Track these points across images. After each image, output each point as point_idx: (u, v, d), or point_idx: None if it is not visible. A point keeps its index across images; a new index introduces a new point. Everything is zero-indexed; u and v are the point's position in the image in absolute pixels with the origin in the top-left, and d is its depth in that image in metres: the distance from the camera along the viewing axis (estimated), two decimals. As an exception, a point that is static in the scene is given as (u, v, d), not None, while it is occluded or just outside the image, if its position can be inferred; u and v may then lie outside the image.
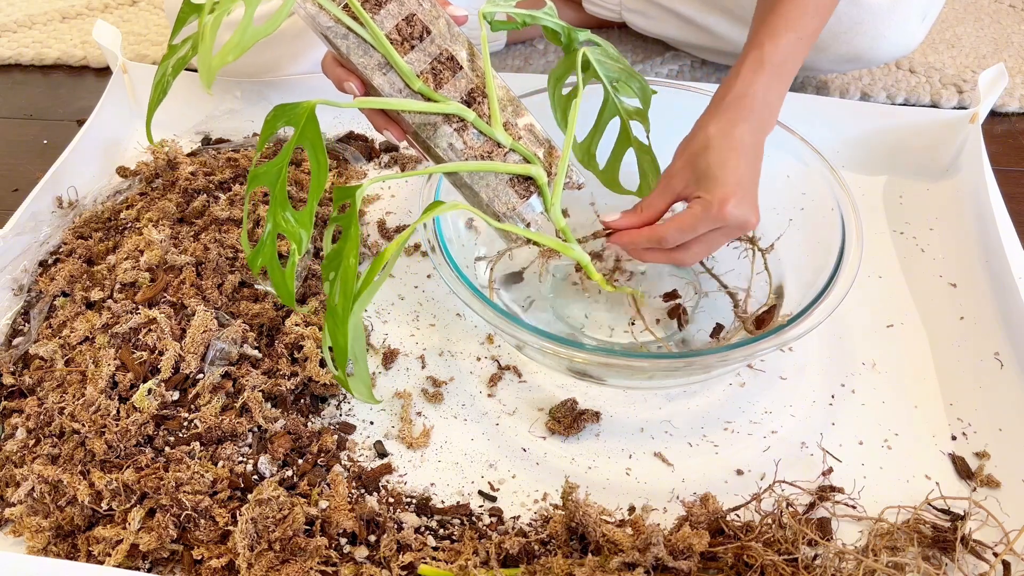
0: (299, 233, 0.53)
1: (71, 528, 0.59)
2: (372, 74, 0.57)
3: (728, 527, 0.56)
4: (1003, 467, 0.63)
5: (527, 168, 0.60)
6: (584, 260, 0.64)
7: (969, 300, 0.75)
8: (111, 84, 0.95)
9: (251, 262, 0.55)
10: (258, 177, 0.54)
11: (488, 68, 0.59)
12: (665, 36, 1.07)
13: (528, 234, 0.61)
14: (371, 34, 0.56)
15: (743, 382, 0.70)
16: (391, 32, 0.57)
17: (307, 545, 0.55)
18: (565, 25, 0.67)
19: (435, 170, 0.60)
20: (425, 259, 0.81)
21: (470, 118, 0.59)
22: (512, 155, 0.60)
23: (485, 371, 0.71)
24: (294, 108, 0.52)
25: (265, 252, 0.55)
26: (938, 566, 0.55)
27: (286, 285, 0.54)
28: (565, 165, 0.62)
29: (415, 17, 0.58)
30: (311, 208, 0.52)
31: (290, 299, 0.55)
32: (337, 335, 0.50)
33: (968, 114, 0.86)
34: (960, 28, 1.19)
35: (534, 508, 0.61)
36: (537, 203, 0.62)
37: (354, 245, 0.51)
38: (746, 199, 0.60)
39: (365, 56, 0.57)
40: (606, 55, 0.68)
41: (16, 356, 0.70)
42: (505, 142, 0.60)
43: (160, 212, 0.81)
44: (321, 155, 0.52)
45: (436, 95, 0.58)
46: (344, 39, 0.56)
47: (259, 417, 0.64)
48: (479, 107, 0.60)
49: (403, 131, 0.61)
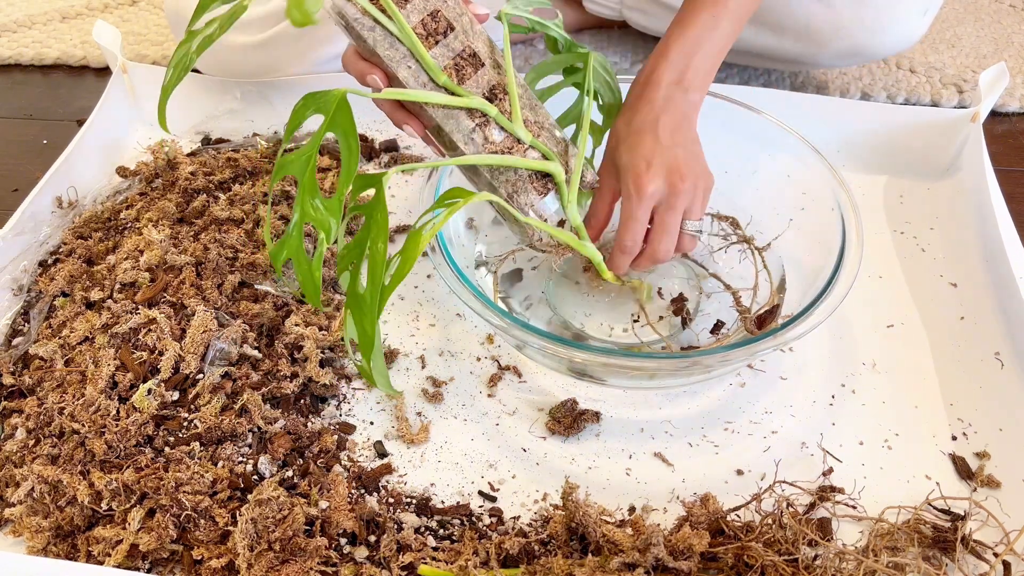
0: (328, 221, 0.52)
1: (71, 528, 0.59)
2: (398, 67, 0.58)
3: (728, 527, 0.56)
4: (1003, 467, 0.63)
5: (546, 164, 0.61)
6: (597, 258, 0.65)
7: (969, 300, 0.75)
8: (111, 84, 0.95)
9: (274, 256, 0.54)
10: (286, 166, 0.53)
11: (509, 65, 0.60)
12: (665, 35, 1.08)
13: (550, 229, 0.62)
14: (398, 27, 0.57)
15: (743, 382, 0.70)
16: (416, 27, 0.58)
17: (307, 545, 0.55)
18: (568, 39, 0.69)
19: (458, 161, 0.60)
20: (425, 259, 0.81)
21: (492, 113, 0.60)
22: (531, 152, 0.62)
23: (485, 371, 0.71)
24: (324, 96, 0.53)
25: (291, 244, 0.54)
26: (938, 566, 0.55)
27: (313, 278, 0.53)
28: (581, 163, 0.63)
29: (440, 13, 0.59)
30: (341, 194, 0.52)
31: (316, 293, 0.54)
32: (365, 323, 0.49)
33: (969, 113, 0.86)
34: (960, 28, 1.19)
35: (534, 508, 0.61)
36: (553, 201, 0.63)
37: (382, 231, 0.50)
38: (660, 170, 0.61)
39: (391, 49, 0.57)
40: (601, 66, 0.69)
41: (16, 356, 0.70)
42: (525, 138, 0.61)
43: (160, 212, 0.81)
44: (353, 141, 0.52)
45: (459, 89, 0.59)
46: (371, 31, 0.57)
47: (258, 419, 0.64)
48: (500, 103, 0.61)
49: (423, 126, 0.61)
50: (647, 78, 0.65)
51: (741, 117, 0.75)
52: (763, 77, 1.07)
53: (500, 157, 0.60)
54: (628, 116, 0.64)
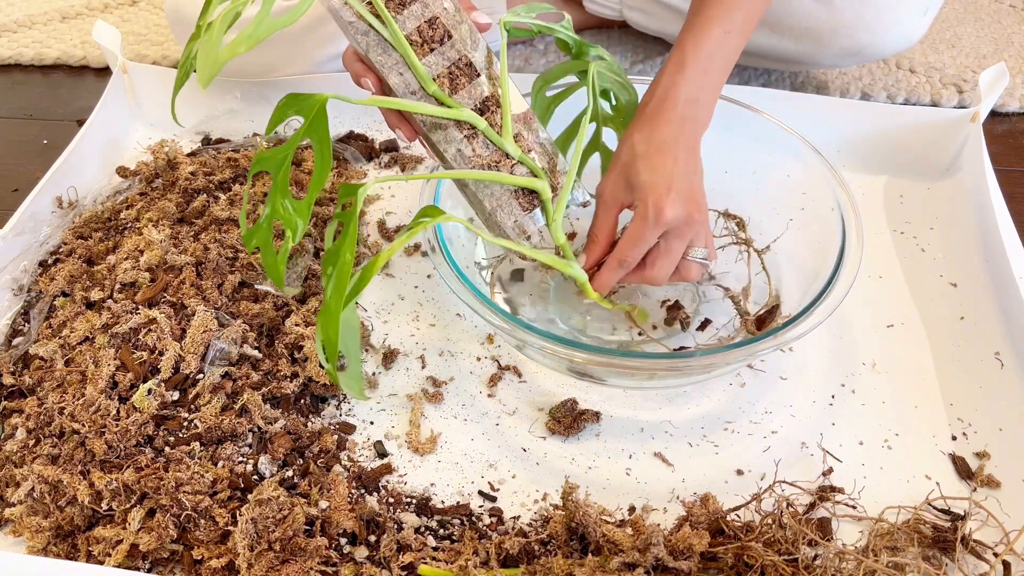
0: (295, 221, 0.54)
1: (71, 528, 0.59)
2: (389, 73, 0.57)
3: (728, 527, 0.56)
4: (1003, 467, 0.63)
5: (532, 182, 0.60)
6: (582, 278, 0.64)
7: (969, 300, 0.75)
8: (111, 84, 0.95)
9: (246, 240, 0.56)
10: (262, 161, 0.54)
11: (505, 78, 0.59)
12: (666, 34, 1.07)
13: (528, 251, 0.61)
14: (391, 34, 0.56)
15: (743, 382, 0.70)
16: (412, 33, 0.57)
17: (307, 545, 0.55)
18: (578, 39, 0.68)
19: (440, 176, 0.60)
20: (425, 259, 0.81)
21: (481, 126, 0.59)
22: (520, 167, 0.61)
23: (485, 371, 0.71)
24: (306, 99, 0.53)
25: (260, 233, 0.55)
26: (938, 566, 0.55)
27: (276, 267, 0.55)
28: (571, 183, 0.62)
29: (438, 20, 0.57)
30: (310, 199, 0.53)
31: (279, 280, 0.55)
32: (328, 329, 0.50)
33: (969, 113, 0.86)
34: (960, 28, 1.19)
35: (534, 508, 0.61)
36: (540, 216, 0.62)
37: (351, 242, 0.51)
38: (680, 197, 0.60)
39: (383, 55, 0.57)
40: (609, 69, 0.69)
41: (16, 356, 0.70)
42: (514, 154, 0.60)
43: (160, 212, 0.81)
44: (326, 149, 0.52)
45: (450, 100, 0.58)
46: (364, 36, 0.56)
47: (258, 419, 0.64)
48: (492, 116, 0.60)
49: (414, 131, 0.61)
50: (665, 93, 0.63)
51: (741, 117, 0.75)
52: (763, 77, 1.07)
53: (485, 173, 0.59)
54: (646, 132, 0.63)
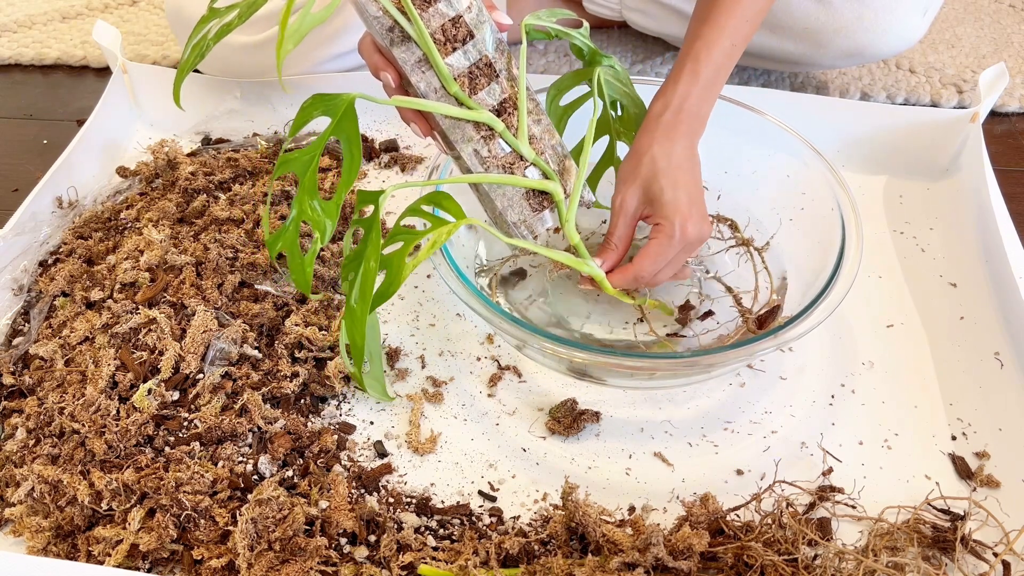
0: (324, 222, 0.54)
1: (71, 528, 0.59)
2: (410, 70, 0.57)
3: (728, 527, 0.56)
4: (1003, 467, 0.63)
5: (545, 184, 0.61)
6: (599, 276, 0.65)
7: (969, 300, 0.75)
8: (111, 84, 0.95)
9: (270, 245, 0.55)
10: (288, 163, 0.54)
11: (523, 80, 0.59)
12: (666, 35, 1.07)
13: (542, 250, 0.61)
14: (416, 31, 0.56)
15: (743, 382, 0.70)
16: (436, 32, 0.57)
17: (307, 545, 0.55)
18: (592, 46, 0.69)
19: (457, 180, 0.60)
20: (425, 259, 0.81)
21: (499, 128, 0.59)
22: (532, 169, 0.61)
23: (485, 371, 0.71)
24: (333, 99, 0.53)
25: (287, 237, 0.55)
26: (938, 566, 0.55)
27: (304, 272, 0.55)
28: (582, 183, 0.63)
29: (461, 20, 0.57)
30: (339, 199, 0.53)
31: (306, 286, 0.56)
32: (355, 334, 0.52)
33: (968, 113, 0.86)
34: (960, 28, 1.19)
35: (534, 508, 0.61)
36: (549, 217, 0.63)
37: (375, 248, 0.52)
38: (698, 214, 0.63)
39: (407, 52, 0.56)
40: (616, 78, 0.70)
41: (16, 356, 0.70)
42: (528, 156, 0.61)
43: (160, 212, 0.81)
44: (356, 148, 0.53)
45: (470, 101, 0.58)
46: (389, 32, 0.56)
47: (258, 419, 0.64)
48: (508, 118, 0.60)
49: (430, 127, 0.61)
50: (680, 104, 0.64)
51: (741, 117, 0.75)
52: (763, 77, 1.07)
53: (500, 176, 0.60)
54: (667, 146, 0.63)
